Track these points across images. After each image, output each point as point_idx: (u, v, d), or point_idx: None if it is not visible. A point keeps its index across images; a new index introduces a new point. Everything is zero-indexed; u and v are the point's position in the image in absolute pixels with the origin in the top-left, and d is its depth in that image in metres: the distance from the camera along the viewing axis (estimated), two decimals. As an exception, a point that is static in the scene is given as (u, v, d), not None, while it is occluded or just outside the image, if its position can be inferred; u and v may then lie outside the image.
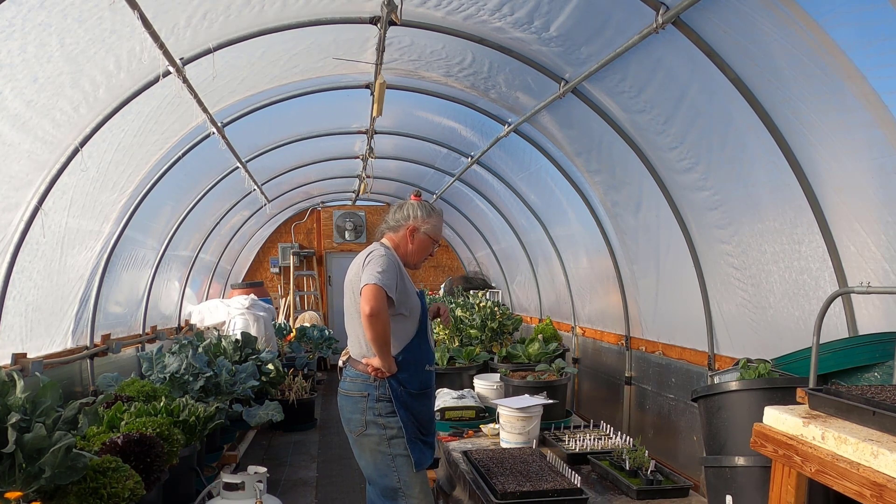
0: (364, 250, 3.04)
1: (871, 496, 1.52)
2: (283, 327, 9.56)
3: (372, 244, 3.07)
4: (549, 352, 5.02)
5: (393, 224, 3.11)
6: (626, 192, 4.52)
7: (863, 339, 2.55)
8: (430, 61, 4.53)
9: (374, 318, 2.74)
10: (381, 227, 3.17)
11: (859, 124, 2.50)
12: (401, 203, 3.15)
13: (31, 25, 2.63)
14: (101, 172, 4.03)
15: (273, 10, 3.52)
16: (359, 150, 7.32)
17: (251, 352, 6.21)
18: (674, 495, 3.02)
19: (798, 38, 2.51)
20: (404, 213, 3.10)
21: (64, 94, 3.17)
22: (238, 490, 3.66)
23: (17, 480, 2.40)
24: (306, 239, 11.57)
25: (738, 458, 2.42)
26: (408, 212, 3.09)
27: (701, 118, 3.34)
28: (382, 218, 3.18)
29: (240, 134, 5.29)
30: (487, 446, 3.79)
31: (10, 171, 3.19)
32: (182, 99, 3.90)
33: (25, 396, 2.51)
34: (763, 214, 3.21)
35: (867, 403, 1.70)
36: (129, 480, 2.75)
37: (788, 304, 3.17)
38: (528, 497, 2.87)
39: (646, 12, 2.94)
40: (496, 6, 3.50)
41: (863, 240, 2.68)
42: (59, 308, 4.18)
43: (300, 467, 5.74)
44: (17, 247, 3.40)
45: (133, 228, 4.94)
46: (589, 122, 4.25)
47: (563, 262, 6.31)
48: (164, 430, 3.42)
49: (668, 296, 4.45)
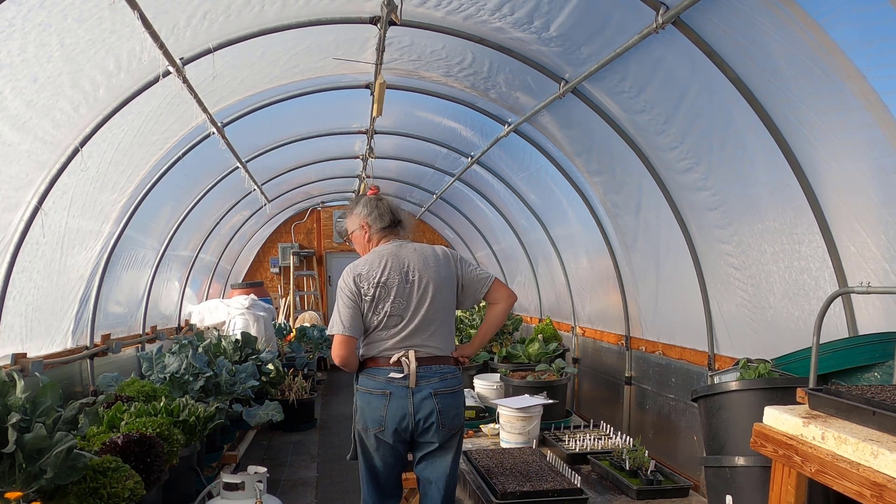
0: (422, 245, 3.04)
1: (871, 496, 1.52)
2: (283, 327, 9.56)
3: (429, 244, 3.11)
4: (549, 352, 5.03)
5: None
6: (626, 192, 4.52)
7: (863, 339, 2.55)
8: (430, 61, 4.53)
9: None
10: (409, 227, 3.17)
11: (859, 124, 2.50)
12: (396, 203, 3.19)
13: (31, 25, 2.63)
14: (101, 172, 4.03)
15: (273, 11, 3.52)
16: (359, 150, 7.32)
17: (251, 352, 6.21)
18: (674, 495, 3.02)
19: (798, 38, 2.51)
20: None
21: (64, 94, 3.17)
22: (238, 490, 3.66)
23: (18, 480, 2.40)
24: (306, 239, 11.57)
25: (738, 458, 2.42)
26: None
27: (701, 118, 3.34)
28: (394, 218, 3.11)
29: (240, 134, 5.29)
30: (487, 446, 3.79)
31: (10, 172, 3.19)
32: (182, 99, 3.90)
33: (25, 396, 2.51)
34: (763, 214, 3.21)
35: (867, 403, 1.69)
36: (129, 480, 2.75)
37: (788, 304, 3.17)
38: (528, 497, 2.87)
39: (646, 12, 2.93)
40: (496, 6, 3.50)
41: (863, 240, 2.68)
42: (59, 308, 4.18)
43: (300, 467, 5.74)
44: (17, 247, 3.40)
45: (133, 228, 4.94)
46: (589, 122, 4.25)
47: (563, 262, 6.31)
48: (164, 430, 3.42)
49: (668, 296, 4.45)
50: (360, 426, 2.90)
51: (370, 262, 2.93)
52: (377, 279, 2.87)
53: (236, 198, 7.33)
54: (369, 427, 2.86)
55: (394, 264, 2.91)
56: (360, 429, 2.91)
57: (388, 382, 2.83)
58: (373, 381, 2.87)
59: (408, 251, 2.97)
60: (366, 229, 3.08)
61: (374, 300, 2.86)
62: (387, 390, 2.83)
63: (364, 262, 2.96)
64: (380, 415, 2.83)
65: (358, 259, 3.02)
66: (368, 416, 2.86)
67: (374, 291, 2.86)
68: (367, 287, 2.87)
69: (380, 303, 2.86)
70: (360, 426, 2.91)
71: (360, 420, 2.90)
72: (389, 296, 2.86)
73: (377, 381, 2.86)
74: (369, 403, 2.86)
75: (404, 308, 2.88)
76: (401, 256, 2.94)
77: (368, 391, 2.87)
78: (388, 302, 2.86)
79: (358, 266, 2.94)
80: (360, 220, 3.10)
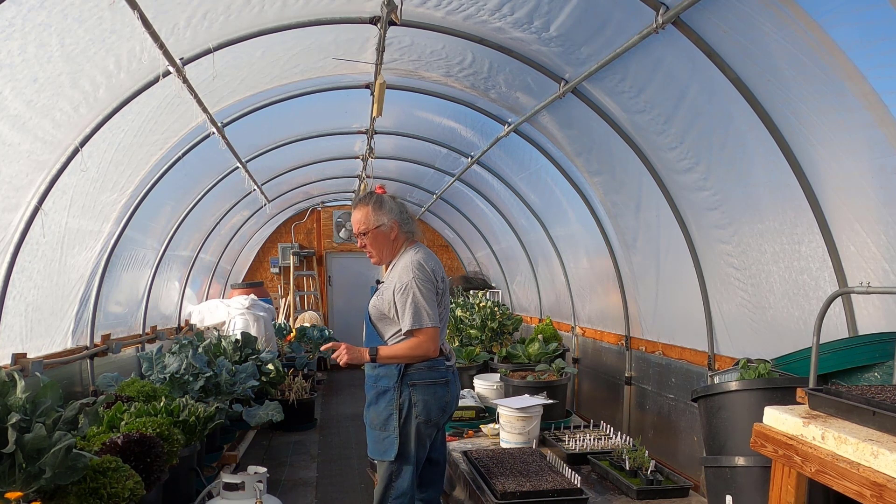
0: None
1: (871, 496, 1.52)
2: (283, 327, 9.56)
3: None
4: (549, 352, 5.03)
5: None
6: (626, 192, 4.52)
7: (863, 339, 2.55)
8: (430, 61, 4.53)
9: None
10: (410, 227, 3.24)
11: (859, 124, 2.50)
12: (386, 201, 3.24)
13: (31, 25, 2.63)
14: (101, 172, 4.03)
15: (273, 11, 3.52)
16: (359, 150, 7.32)
17: (251, 352, 6.21)
18: (674, 495, 3.03)
19: (798, 38, 2.51)
20: None
21: (64, 94, 3.17)
22: (238, 490, 3.66)
23: (17, 480, 2.41)
24: (306, 239, 11.56)
25: (738, 458, 2.42)
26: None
27: (701, 118, 3.34)
28: (402, 219, 3.18)
29: (240, 134, 5.29)
30: (487, 446, 3.79)
31: (10, 172, 3.19)
32: (182, 99, 3.90)
33: (25, 396, 2.51)
34: (763, 214, 3.21)
35: (867, 403, 1.70)
36: (129, 480, 2.76)
37: (788, 304, 3.17)
38: (528, 497, 2.87)
39: (646, 12, 2.94)
40: (496, 6, 3.50)
41: (863, 240, 2.68)
42: (59, 308, 4.18)
43: (300, 467, 5.74)
44: (17, 247, 3.40)
45: (133, 228, 4.94)
46: (589, 123, 4.25)
47: (563, 262, 6.31)
48: (164, 430, 3.42)
49: (668, 296, 4.45)
50: (423, 418, 2.98)
51: (433, 259, 3.14)
52: (441, 275, 3.11)
53: (236, 198, 7.33)
54: (432, 417, 2.99)
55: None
56: (422, 421, 2.98)
57: (448, 370, 3.06)
58: (436, 372, 3.03)
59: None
60: (395, 229, 3.13)
61: (440, 295, 3.08)
62: (448, 378, 3.05)
63: (429, 257, 3.13)
64: (445, 401, 3.03)
65: (420, 253, 3.11)
66: (434, 406, 2.99)
67: (440, 286, 3.09)
68: (438, 282, 3.09)
69: (443, 297, 3.11)
70: (421, 419, 2.98)
71: (423, 413, 2.98)
72: (445, 293, 3.13)
73: (440, 371, 3.03)
74: (435, 394, 3.00)
75: (445, 307, 3.15)
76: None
77: (434, 382, 3.02)
78: (445, 297, 3.11)
79: (429, 261, 3.10)
80: (392, 218, 3.13)
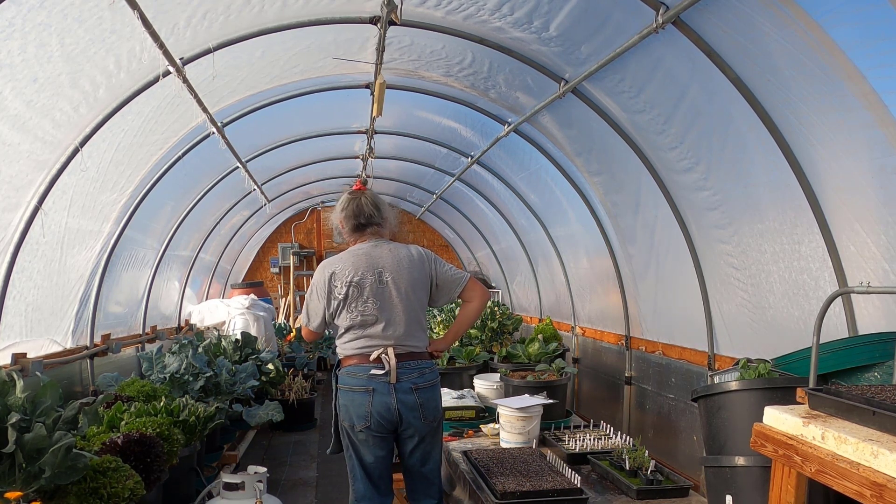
0: (397, 245, 3.09)
1: (871, 496, 1.52)
2: (283, 327, 9.56)
3: (404, 244, 3.14)
4: (549, 352, 5.02)
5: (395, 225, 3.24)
6: (626, 192, 4.52)
7: (863, 339, 2.55)
8: (430, 61, 4.53)
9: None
10: (388, 226, 3.18)
11: (859, 124, 2.50)
12: (382, 200, 3.21)
13: (31, 25, 2.63)
14: (101, 172, 4.03)
15: (273, 10, 3.52)
16: (359, 150, 7.32)
17: (251, 352, 6.20)
18: (674, 495, 3.02)
19: (798, 38, 2.51)
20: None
21: (64, 94, 3.16)
22: (238, 490, 3.67)
23: (17, 480, 2.40)
24: (306, 239, 11.56)
25: (738, 458, 2.42)
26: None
27: (701, 118, 3.34)
28: (368, 217, 3.11)
29: (240, 134, 5.29)
30: (487, 446, 3.79)
31: (10, 172, 3.19)
32: (182, 99, 3.90)
33: (25, 396, 2.51)
34: (763, 214, 3.20)
35: (867, 403, 1.69)
36: (129, 480, 2.75)
37: (788, 304, 3.17)
38: (528, 497, 2.87)
39: (646, 12, 2.93)
40: (496, 6, 3.50)
41: (863, 240, 2.68)
42: (59, 308, 4.18)
43: (300, 467, 5.74)
44: (17, 247, 3.40)
45: (133, 228, 4.94)
46: (589, 122, 4.25)
47: (563, 262, 6.31)
48: (164, 430, 3.42)
49: (667, 296, 4.45)
50: (347, 423, 2.96)
51: (343, 260, 3.02)
52: (349, 279, 2.96)
53: (236, 198, 7.33)
54: (356, 423, 2.93)
55: (367, 264, 2.99)
56: (347, 426, 2.96)
57: (371, 379, 2.91)
58: (355, 379, 2.94)
59: (382, 251, 3.04)
60: (342, 228, 3.14)
61: (348, 299, 2.95)
62: (370, 387, 2.91)
63: (338, 259, 3.04)
64: (365, 410, 2.90)
65: (333, 256, 3.12)
66: (354, 413, 2.92)
67: (346, 290, 2.95)
68: (339, 286, 2.96)
69: (353, 302, 2.95)
70: (346, 423, 2.96)
71: (346, 417, 2.96)
72: (363, 295, 2.95)
73: (359, 378, 2.93)
74: (353, 400, 2.93)
75: (380, 308, 2.95)
76: (374, 256, 3.01)
77: (351, 389, 2.94)
78: (361, 301, 2.95)
79: (332, 264, 3.03)
80: (336, 219, 3.17)
